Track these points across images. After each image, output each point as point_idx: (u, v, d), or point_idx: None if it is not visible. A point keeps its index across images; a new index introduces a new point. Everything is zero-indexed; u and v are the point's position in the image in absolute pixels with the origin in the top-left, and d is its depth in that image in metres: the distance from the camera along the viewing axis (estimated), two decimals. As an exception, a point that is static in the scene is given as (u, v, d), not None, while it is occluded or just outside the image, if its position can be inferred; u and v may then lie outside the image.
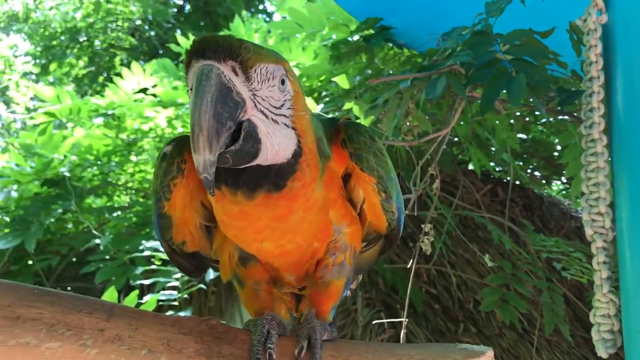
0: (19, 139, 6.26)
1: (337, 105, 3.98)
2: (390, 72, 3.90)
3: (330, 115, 2.02)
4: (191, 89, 1.28)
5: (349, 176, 1.64)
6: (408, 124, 2.97)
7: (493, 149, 4.57)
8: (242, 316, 5.86)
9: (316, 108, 2.94)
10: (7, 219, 5.65)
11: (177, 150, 1.58)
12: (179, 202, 1.62)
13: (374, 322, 3.64)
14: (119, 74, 5.82)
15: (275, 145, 1.33)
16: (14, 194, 5.69)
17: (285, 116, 1.36)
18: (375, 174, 1.58)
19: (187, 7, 13.27)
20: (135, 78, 5.61)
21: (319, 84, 4.46)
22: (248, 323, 1.61)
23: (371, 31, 3.81)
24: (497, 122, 3.32)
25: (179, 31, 11.63)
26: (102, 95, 6.01)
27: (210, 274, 4.77)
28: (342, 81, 2.92)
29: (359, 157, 1.56)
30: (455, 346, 1.58)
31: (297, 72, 4.48)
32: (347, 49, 3.77)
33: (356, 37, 3.90)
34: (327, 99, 4.40)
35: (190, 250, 1.75)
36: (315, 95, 4.70)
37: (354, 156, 1.56)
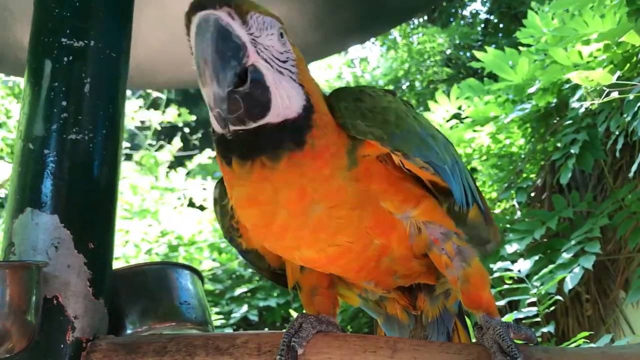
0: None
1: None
2: None
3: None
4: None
5: None
6: None
7: None
8: (629, 323, 5.23)
9: (611, 79, 2.52)
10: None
11: (224, 191, 1.58)
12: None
13: None
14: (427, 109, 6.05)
15: (285, 96, 1.33)
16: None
17: (290, 71, 1.37)
18: (371, 136, 1.41)
19: (491, 18, 13.10)
20: (442, 107, 5.74)
21: (630, 50, 3.83)
22: None
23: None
24: None
25: (493, 46, 11.55)
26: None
27: (569, 284, 4.45)
28: (632, 38, 2.46)
29: (344, 125, 1.43)
30: None
31: (592, 48, 3.96)
32: (646, -3, 3.19)
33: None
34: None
35: None
36: (634, 61, 4.06)
37: (342, 125, 1.43)
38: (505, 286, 4.31)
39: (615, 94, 2.55)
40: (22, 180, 1.78)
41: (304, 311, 1.68)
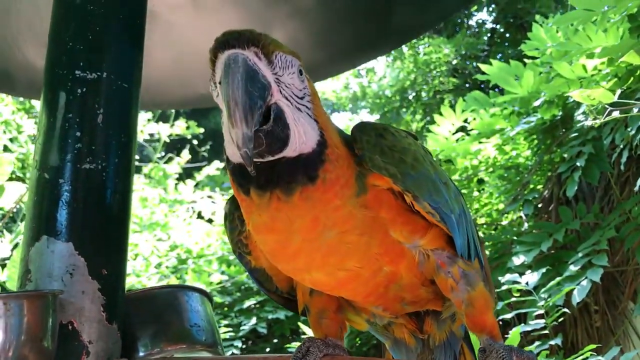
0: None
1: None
2: None
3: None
4: (219, 82, 1.34)
5: None
6: None
7: None
8: (638, 334, 5.20)
9: (612, 97, 2.56)
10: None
11: (234, 206, 1.63)
12: (262, 253, 1.63)
13: None
14: (433, 122, 6.08)
15: (302, 132, 1.37)
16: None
17: (307, 107, 1.42)
18: (385, 173, 1.47)
19: (498, 27, 13.12)
20: (448, 120, 5.77)
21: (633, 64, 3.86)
22: None
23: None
24: None
25: (499, 56, 11.59)
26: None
27: (577, 297, 4.43)
28: (633, 58, 2.49)
29: (362, 157, 1.48)
30: None
31: (596, 61, 3.99)
32: (648, 15, 3.22)
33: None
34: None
35: None
36: (638, 74, 4.08)
37: (359, 157, 1.48)
38: (513, 298, 4.32)
39: (616, 113, 2.59)
40: (38, 208, 1.84)
41: (312, 334, 1.73)
